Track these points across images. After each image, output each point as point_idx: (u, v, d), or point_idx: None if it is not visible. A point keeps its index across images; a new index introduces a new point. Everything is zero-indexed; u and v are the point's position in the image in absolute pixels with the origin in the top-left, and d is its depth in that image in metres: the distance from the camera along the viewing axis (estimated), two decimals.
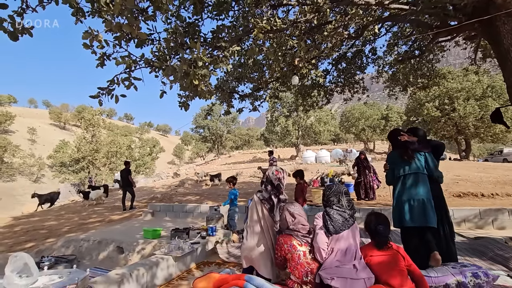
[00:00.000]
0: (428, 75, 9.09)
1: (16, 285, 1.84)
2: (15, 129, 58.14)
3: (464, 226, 6.05)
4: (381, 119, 44.28)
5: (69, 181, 28.87)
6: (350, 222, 2.37)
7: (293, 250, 2.24)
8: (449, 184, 10.98)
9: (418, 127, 3.43)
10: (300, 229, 2.32)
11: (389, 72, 9.41)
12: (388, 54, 8.91)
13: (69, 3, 1.96)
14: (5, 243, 7.07)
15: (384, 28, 7.52)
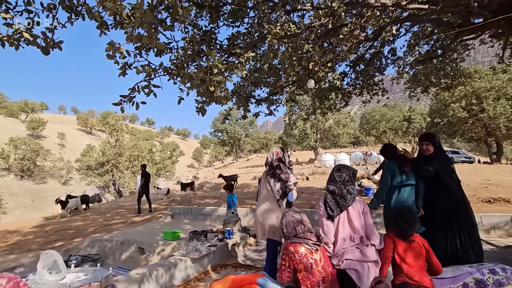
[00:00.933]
0: (452, 75, 8.71)
1: (47, 280, 1.97)
2: (47, 134, 61.80)
3: (493, 233, 5.72)
4: (403, 121, 42.81)
5: (94, 184, 30.22)
6: (342, 203, 2.40)
7: (305, 259, 2.15)
8: (478, 189, 10.41)
9: (432, 133, 3.32)
10: (310, 237, 2.25)
11: (410, 72, 9.12)
12: (409, 55, 8.65)
13: (94, 18, 2.12)
14: (37, 242, 7.53)
15: (404, 28, 7.31)
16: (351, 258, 2.25)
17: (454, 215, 2.86)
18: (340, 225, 2.40)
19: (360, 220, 2.40)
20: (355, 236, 2.37)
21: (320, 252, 2.24)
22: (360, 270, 2.20)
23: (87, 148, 35.29)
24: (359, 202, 2.47)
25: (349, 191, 2.44)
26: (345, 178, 2.49)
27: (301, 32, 3.32)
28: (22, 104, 70.34)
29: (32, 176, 40.50)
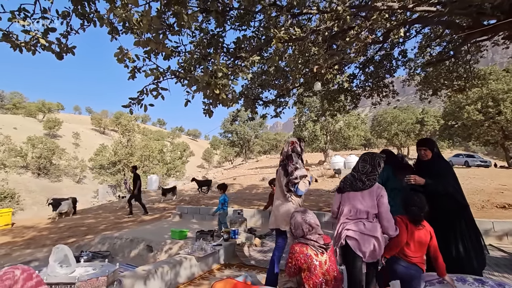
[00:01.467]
0: (465, 77, 8.52)
1: (58, 273, 2.08)
2: (62, 133, 63.68)
3: (506, 240, 5.56)
4: (416, 123, 41.90)
5: (107, 183, 30.93)
6: (358, 185, 2.50)
7: (309, 260, 2.21)
8: (492, 194, 10.12)
9: (430, 138, 3.28)
10: (317, 239, 2.29)
11: (422, 74, 8.98)
12: (420, 56, 8.52)
13: (105, 25, 2.23)
14: (51, 238, 7.81)
15: (414, 30, 7.21)
16: (352, 228, 2.41)
17: (456, 219, 2.84)
18: (351, 200, 2.53)
19: (372, 201, 2.46)
20: (362, 212, 2.46)
21: (326, 255, 2.29)
22: (359, 240, 2.36)
23: (100, 148, 36.16)
24: (378, 188, 2.52)
25: (369, 179, 2.51)
26: (368, 170, 2.55)
27: (306, 35, 3.35)
28: (39, 104, 72.76)
29: (48, 174, 41.81)
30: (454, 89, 9.26)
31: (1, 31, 2.18)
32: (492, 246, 5.14)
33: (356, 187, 2.52)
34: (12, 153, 35.92)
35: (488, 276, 3.46)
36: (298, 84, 6.08)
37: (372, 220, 2.44)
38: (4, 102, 77.72)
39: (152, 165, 33.43)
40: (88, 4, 2.36)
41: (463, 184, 11.45)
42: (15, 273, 1.73)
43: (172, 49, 3.24)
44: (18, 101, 74.99)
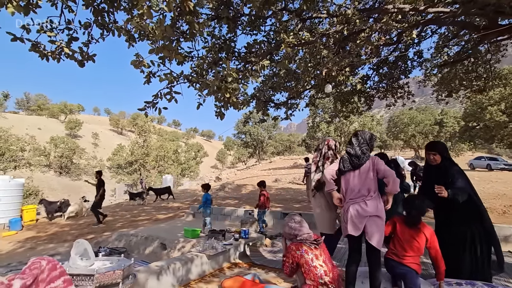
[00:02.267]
0: (484, 77, 8.24)
1: (78, 265, 2.25)
2: (82, 134, 66.18)
3: None
4: (434, 125, 40.55)
5: (124, 182, 31.89)
6: (355, 162, 2.63)
7: (305, 254, 2.40)
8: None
9: (440, 142, 3.18)
10: (307, 237, 2.50)
11: (438, 75, 8.76)
12: (437, 57, 8.31)
13: (122, 34, 2.39)
14: (72, 234, 8.20)
15: (430, 30, 7.07)
16: (351, 212, 2.56)
17: (468, 229, 2.77)
18: (351, 179, 2.66)
19: (368, 176, 2.60)
20: (362, 190, 2.59)
21: (320, 249, 2.48)
22: (357, 223, 2.52)
23: (118, 148, 37.33)
24: (372, 158, 2.66)
25: (363, 151, 2.66)
26: (360, 141, 2.72)
27: (315, 39, 3.40)
28: (62, 106, 75.95)
29: (69, 173, 43.59)
30: (473, 90, 8.97)
31: (30, 41, 2.39)
32: (511, 252, 4.96)
33: (354, 164, 2.64)
34: (37, 153, 37.71)
35: (504, 283, 3.37)
36: (309, 86, 6.11)
37: (373, 195, 2.55)
38: (30, 103, 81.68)
39: (167, 165, 34.16)
40: (108, 15, 2.54)
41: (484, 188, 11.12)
42: (41, 263, 1.90)
43: (185, 55, 3.39)
44: (42, 103, 78.62)
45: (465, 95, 9.59)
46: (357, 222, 2.53)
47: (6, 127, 26.23)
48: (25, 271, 1.80)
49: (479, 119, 27.12)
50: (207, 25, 3.06)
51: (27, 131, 46.35)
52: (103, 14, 2.49)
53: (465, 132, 29.87)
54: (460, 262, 2.78)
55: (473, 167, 26.82)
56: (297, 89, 5.47)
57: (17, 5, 1.95)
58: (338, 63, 3.54)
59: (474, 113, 27.60)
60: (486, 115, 25.12)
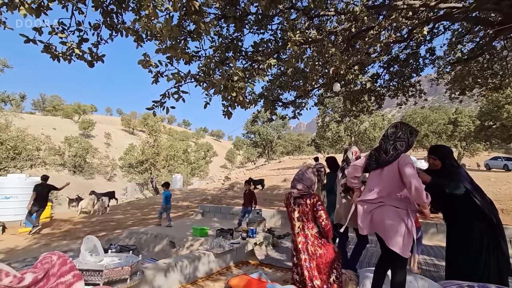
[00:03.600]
0: (500, 74, 7.97)
1: (88, 261, 2.30)
2: (95, 134, 67.80)
3: None
4: (448, 124, 39.49)
5: (135, 181, 32.48)
6: (382, 158, 2.37)
7: (287, 202, 2.87)
8: None
9: (442, 146, 2.95)
10: (292, 191, 2.82)
11: (452, 73, 8.53)
12: (450, 54, 8.09)
13: (130, 34, 2.43)
14: (84, 231, 8.40)
15: (442, 27, 6.88)
16: (361, 216, 2.45)
17: (469, 231, 2.66)
18: (375, 178, 2.45)
19: (393, 179, 2.31)
20: (381, 193, 2.37)
21: (297, 208, 2.75)
22: (364, 227, 2.44)
23: (129, 147, 38.04)
24: (401, 158, 2.30)
25: (395, 147, 2.33)
26: (397, 133, 2.38)
27: (323, 37, 3.37)
28: (75, 106, 78.01)
29: (82, 171, 44.74)
30: (488, 88, 8.69)
31: (42, 43, 2.47)
32: None
33: (381, 160, 2.36)
34: (52, 152, 38.83)
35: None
36: (318, 85, 6.06)
37: (394, 200, 2.26)
38: (46, 104, 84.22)
39: (177, 164, 34.57)
40: (116, 16, 2.59)
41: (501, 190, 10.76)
42: (52, 258, 1.96)
43: (192, 54, 3.42)
44: (57, 104, 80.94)
45: (480, 93, 9.31)
46: (365, 226, 2.43)
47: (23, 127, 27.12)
48: (36, 266, 1.86)
49: (495, 118, 26.24)
50: (213, 25, 3.09)
51: (42, 131, 47.79)
52: (112, 15, 2.55)
53: (481, 131, 28.96)
54: (470, 264, 2.69)
55: (489, 168, 25.99)
56: (305, 88, 5.43)
57: (29, 8, 2.02)
58: (346, 61, 3.49)
59: (490, 112, 26.72)
60: (503, 113, 24.29)
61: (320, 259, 2.59)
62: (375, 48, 3.57)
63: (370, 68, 8.57)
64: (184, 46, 2.81)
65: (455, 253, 2.80)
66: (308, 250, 2.62)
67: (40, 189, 8.33)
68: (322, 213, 2.60)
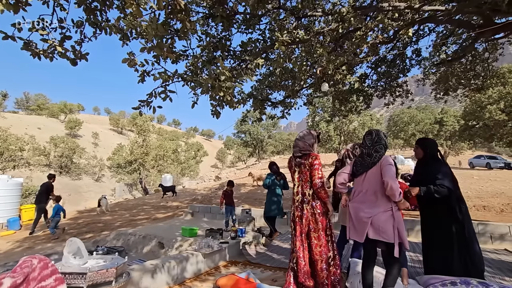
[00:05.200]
0: (482, 76, 8.23)
1: (71, 263, 2.25)
2: (82, 133, 66.19)
3: None
4: (435, 124, 40.54)
5: (124, 181, 31.91)
6: (367, 161, 2.53)
7: (289, 164, 3.05)
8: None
9: (427, 138, 3.15)
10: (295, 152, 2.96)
11: (437, 74, 8.75)
12: (435, 55, 8.30)
13: (113, 32, 2.38)
14: (70, 233, 8.20)
15: (427, 28, 7.05)
16: (354, 216, 2.55)
17: (449, 228, 2.78)
18: (360, 180, 2.61)
19: (378, 178, 2.48)
20: (369, 192, 2.53)
21: (300, 168, 2.93)
22: (359, 229, 2.50)
23: (118, 147, 37.33)
24: (383, 159, 2.52)
25: (376, 150, 2.55)
26: (374, 139, 2.61)
27: (310, 37, 3.39)
28: (61, 105, 75.90)
29: (69, 172, 43.60)
30: (471, 88, 8.97)
31: (22, 40, 2.39)
32: (507, 251, 4.97)
33: (366, 163, 2.55)
34: (36, 152, 37.71)
35: (498, 281, 3.38)
36: (306, 85, 6.10)
37: (382, 200, 2.43)
38: (30, 103, 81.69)
39: (167, 164, 34.18)
40: (100, 14, 2.53)
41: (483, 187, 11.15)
42: (32, 262, 1.91)
43: (180, 53, 3.38)
44: (42, 103, 78.57)
45: (463, 93, 9.59)
46: (359, 228, 2.47)
47: (5, 126, 26.22)
48: (15, 270, 1.80)
49: (478, 118, 27.09)
50: (200, 24, 3.06)
51: (26, 130, 46.31)
52: (96, 13, 2.49)
53: (465, 131, 29.84)
54: (446, 261, 2.81)
55: (473, 166, 26.84)
56: (293, 87, 5.46)
57: (6, 3, 1.95)
58: (334, 62, 3.53)
59: (474, 112, 27.58)
60: (485, 114, 25.11)
61: (315, 225, 2.72)
62: (362, 48, 3.62)
63: (358, 69, 8.71)
64: (170, 45, 2.78)
65: (427, 249, 2.94)
66: (304, 208, 2.75)
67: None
68: (316, 172, 2.71)
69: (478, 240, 2.92)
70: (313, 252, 2.71)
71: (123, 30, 2.57)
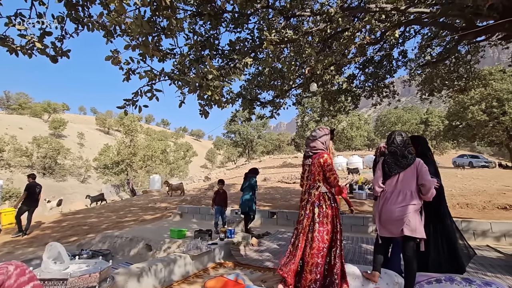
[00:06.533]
0: (465, 77, 8.49)
1: (51, 269, 2.16)
2: (67, 133, 64.36)
3: (504, 241, 5.54)
4: (420, 124, 41.60)
5: (110, 182, 31.21)
6: (403, 162, 2.59)
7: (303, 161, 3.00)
8: (495, 195, 10.05)
9: (418, 136, 3.31)
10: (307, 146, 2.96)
11: (422, 75, 8.97)
12: (421, 57, 8.51)
13: (98, 29, 2.30)
14: (54, 236, 7.93)
15: (413, 30, 7.21)
16: (384, 216, 2.59)
17: (432, 220, 2.88)
18: (393, 181, 2.63)
19: (413, 178, 2.57)
20: (401, 193, 2.58)
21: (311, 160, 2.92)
22: (386, 225, 2.58)
23: (104, 148, 36.51)
24: (415, 161, 2.62)
25: (409, 151, 2.64)
26: (406, 141, 2.69)
27: (298, 37, 3.39)
28: (45, 104, 73.59)
29: (53, 174, 42.28)
30: (455, 90, 9.24)
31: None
32: (489, 247, 5.13)
33: (402, 164, 2.59)
34: (18, 153, 36.40)
35: (481, 276, 3.47)
36: (295, 85, 6.12)
37: (410, 195, 2.53)
38: (10, 102, 78.76)
39: (155, 165, 33.67)
40: (82, 9, 2.44)
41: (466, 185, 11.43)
42: (8, 268, 1.81)
43: (167, 52, 3.32)
44: (24, 102, 75.87)
45: (447, 94, 9.86)
46: (394, 226, 2.54)
47: None
48: None
49: (461, 118, 27.99)
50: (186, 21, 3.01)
51: (7, 130, 44.65)
52: (77, 8, 2.39)
53: (449, 131, 30.76)
54: (426, 257, 2.89)
55: (456, 165, 27.67)
56: (282, 87, 5.46)
57: None
58: (322, 62, 3.56)
59: (457, 112, 28.47)
60: (468, 114, 25.96)
61: (321, 226, 2.65)
62: (350, 49, 3.65)
63: (346, 69, 8.82)
64: (157, 42, 2.71)
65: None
66: (307, 209, 2.70)
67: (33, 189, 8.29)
68: (329, 173, 2.69)
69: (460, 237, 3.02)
70: (309, 253, 2.67)
71: (106, 26, 2.49)
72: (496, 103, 24.53)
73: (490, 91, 24.67)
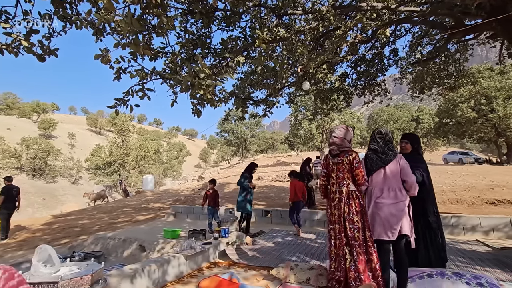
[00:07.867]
0: (455, 75, 8.64)
1: (41, 272, 2.11)
2: (57, 134, 63.17)
3: (492, 235, 5.67)
4: (412, 121, 42.20)
5: (103, 183, 30.77)
6: (384, 158, 2.63)
7: (327, 163, 3.00)
8: (483, 190, 10.26)
9: (413, 134, 3.41)
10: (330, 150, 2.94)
11: (413, 73, 9.09)
12: (412, 55, 8.62)
13: (86, 27, 2.26)
14: (44, 239, 7.79)
15: (404, 29, 7.30)
16: (381, 214, 2.58)
17: (419, 214, 2.96)
18: (380, 177, 2.67)
19: (396, 174, 2.62)
20: (391, 189, 2.62)
21: (338, 160, 2.88)
22: (389, 226, 2.56)
23: (96, 148, 35.97)
24: (397, 157, 2.68)
25: (389, 148, 2.69)
26: (385, 138, 2.74)
27: (290, 36, 3.39)
28: (34, 105, 72.03)
29: (43, 175, 41.46)
30: (445, 87, 9.39)
31: None
32: (478, 241, 5.24)
33: (384, 160, 2.64)
34: (6, 154, 35.58)
35: (471, 270, 3.55)
36: (288, 83, 6.13)
37: (400, 192, 2.58)
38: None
39: (148, 165, 33.35)
40: (70, 7, 2.39)
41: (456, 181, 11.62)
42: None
43: (158, 50, 3.28)
44: (12, 102, 74.13)
45: (437, 92, 10.02)
46: (391, 224, 2.54)
47: None
48: None
49: (451, 115, 28.48)
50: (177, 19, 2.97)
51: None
52: (65, 5, 2.34)
53: (439, 128, 31.28)
54: (416, 253, 2.97)
55: (446, 162, 28.18)
56: (275, 86, 5.47)
57: None
58: (314, 60, 3.57)
59: (447, 110, 28.96)
60: (457, 111, 26.43)
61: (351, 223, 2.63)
62: (342, 48, 3.68)
63: (339, 68, 8.87)
64: (147, 41, 2.68)
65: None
66: (341, 207, 2.67)
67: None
68: (358, 171, 2.67)
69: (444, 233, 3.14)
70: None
71: (95, 24, 2.44)
72: (485, 100, 25.04)
73: (479, 89, 25.16)
